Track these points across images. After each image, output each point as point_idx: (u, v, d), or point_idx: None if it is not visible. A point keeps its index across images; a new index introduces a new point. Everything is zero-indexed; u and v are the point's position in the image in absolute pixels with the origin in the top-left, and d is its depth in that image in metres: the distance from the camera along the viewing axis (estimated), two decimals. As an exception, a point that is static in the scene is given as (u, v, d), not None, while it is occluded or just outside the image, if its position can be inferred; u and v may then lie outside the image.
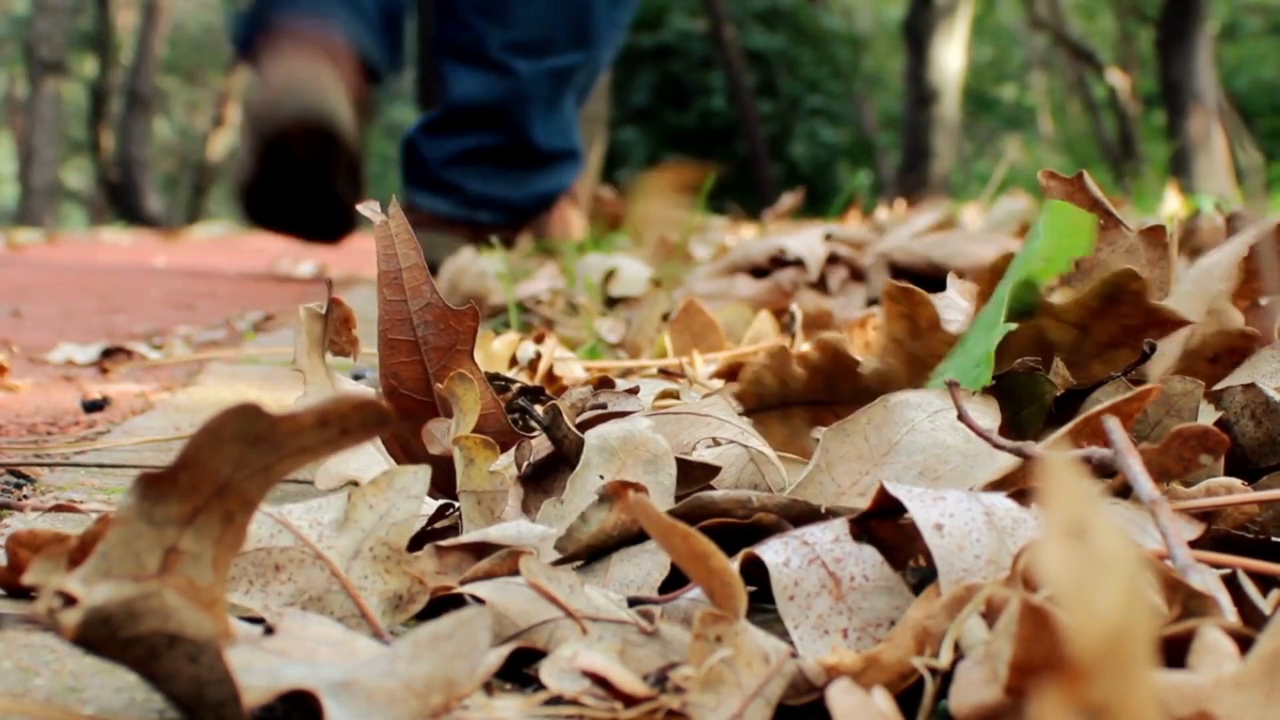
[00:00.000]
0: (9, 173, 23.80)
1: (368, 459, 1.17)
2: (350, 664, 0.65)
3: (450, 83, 3.41)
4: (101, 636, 0.61)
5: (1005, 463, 0.89)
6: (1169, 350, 1.07)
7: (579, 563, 0.92)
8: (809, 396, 1.11)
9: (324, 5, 2.82)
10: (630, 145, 14.86)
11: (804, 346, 1.55)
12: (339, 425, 0.58)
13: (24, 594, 0.91)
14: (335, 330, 1.18)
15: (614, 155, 14.78)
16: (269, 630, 0.72)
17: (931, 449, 0.94)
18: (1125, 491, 0.85)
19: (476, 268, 2.90)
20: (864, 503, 0.91)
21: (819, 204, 5.48)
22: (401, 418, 1.16)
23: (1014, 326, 0.99)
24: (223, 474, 0.60)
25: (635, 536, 0.91)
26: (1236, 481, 0.89)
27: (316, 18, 2.77)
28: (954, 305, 1.13)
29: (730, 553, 0.78)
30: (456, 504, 1.06)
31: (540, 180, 3.50)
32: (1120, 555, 0.43)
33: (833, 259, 2.55)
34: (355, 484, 1.15)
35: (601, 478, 0.98)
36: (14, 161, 19.77)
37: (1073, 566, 0.42)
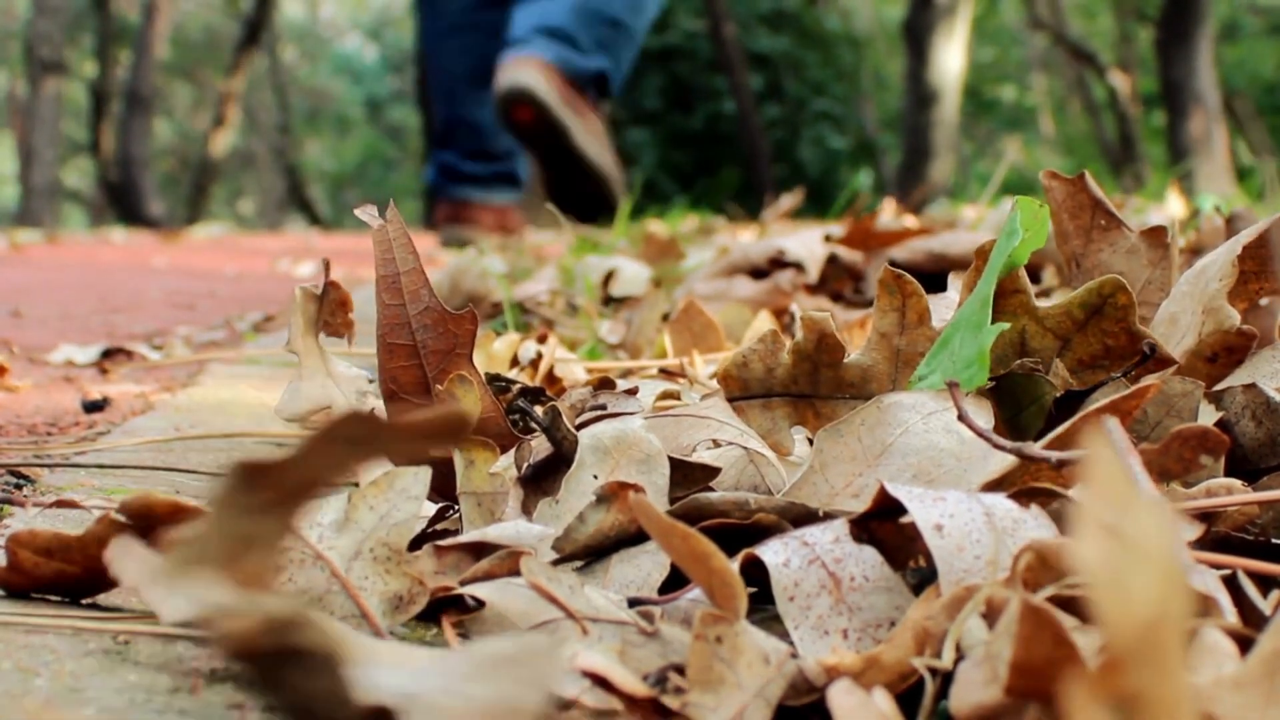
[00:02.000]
0: (9, 173, 23.81)
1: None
2: (405, 674, 0.65)
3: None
4: (265, 647, 0.60)
5: (999, 465, 0.89)
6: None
7: (578, 563, 0.92)
8: (792, 387, 1.10)
9: (532, 43, 4.05)
10: (640, 147, 14.90)
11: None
12: (428, 435, 0.59)
13: (24, 594, 0.91)
14: (330, 312, 1.18)
15: (624, 157, 14.81)
16: None
17: (926, 451, 0.94)
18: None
19: (477, 268, 2.90)
20: (858, 504, 0.91)
21: (824, 205, 5.53)
22: (401, 418, 1.16)
23: (1005, 326, 0.99)
24: (323, 476, 0.61)
25: (633, 537, 0.91)
26: (1237, 482, 0.89)
27: (531, 49, 4.02)
28: (949, 304, 1.13)
29: (730, 553, 0.78)
30: (456, 506, 1.06)
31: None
32: (1157, 546, 0.42)
33: (832, 260, 2.55)
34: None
35: (595, 477, 0.98)
36: (14, 161, 19.77)
37: (1108, 557, 0.42)
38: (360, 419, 0.58)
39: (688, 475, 1.03)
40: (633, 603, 0.82)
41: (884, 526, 0.82)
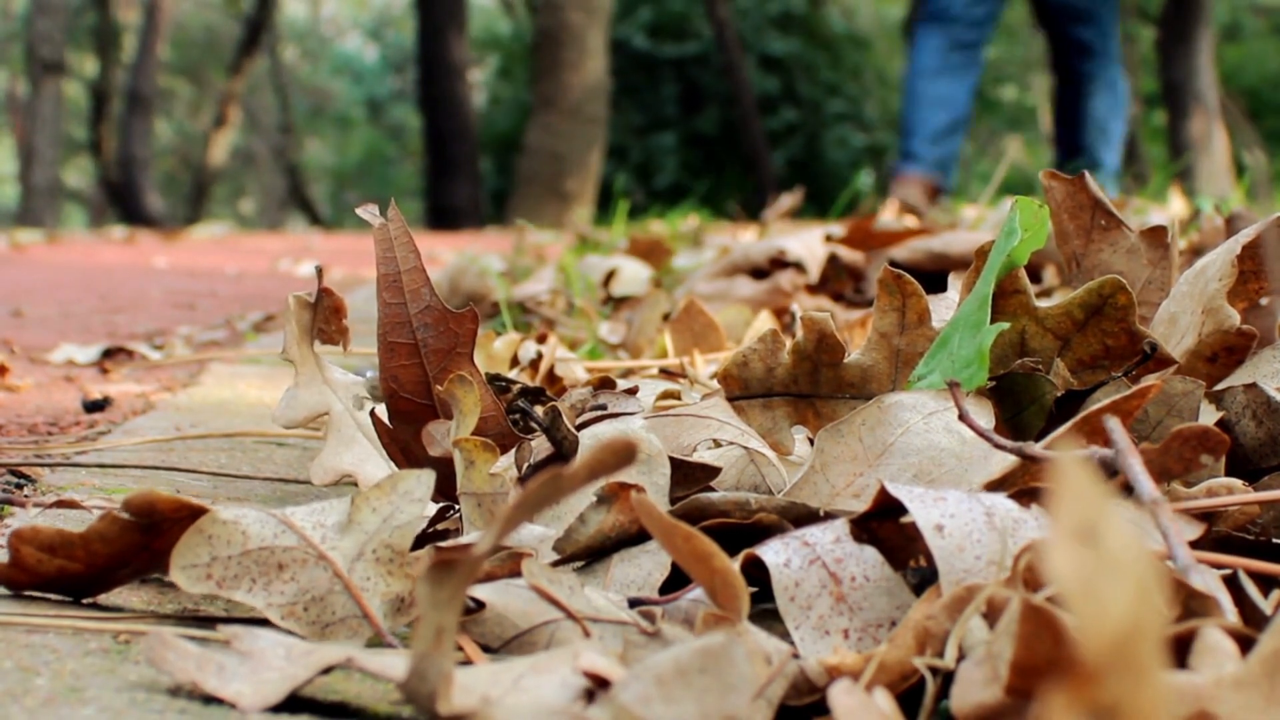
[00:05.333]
0: (10, 173, 23.81)
1: (362, 452, 1.17)
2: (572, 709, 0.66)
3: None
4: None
5: (1000, 465, 0.89)
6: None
7: (579, 564, 0.92)
8: (792, 387, 1.11)
9: (919, 162, 5.77)
10: (664, 152, 14.97)
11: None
12: (601, 470, 0.63)
13: (25, 593, 0.91)
14: (325, 319, 1.18)
15: (648, 163, 14.87)
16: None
17: (926, 451, 0.94)
18: (1126, 492, 0.85)
19: (476, 267, 2.90)
20: (858, 504, 0.91)
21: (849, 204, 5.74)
22: (401, 421, 1.16)
23: (1004, 326, 0.99)
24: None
25: (634, 537, 0.91)
26: (1237, 482, 0.89)
27: (916, 168, 5.77)
28: (949, 304, 1.13)
29: (731, 553, 0.78)
30: (457, 506, 1.06)
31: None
32: (1130, 555, 0.42)
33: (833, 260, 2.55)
34: (349, 476, 1.15)
35: (596, 478, 0.98)
36: (14, 161, 19.78)
37: (1081, 567, 0.42)
38: (552, 484, 0.62)
39: (688, 475, 1.03)
40: (634, 603, 0.82)
41: (885, 526, 0.82)
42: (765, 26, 15.37)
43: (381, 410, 1.18)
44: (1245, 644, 0.65)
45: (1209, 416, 1.00)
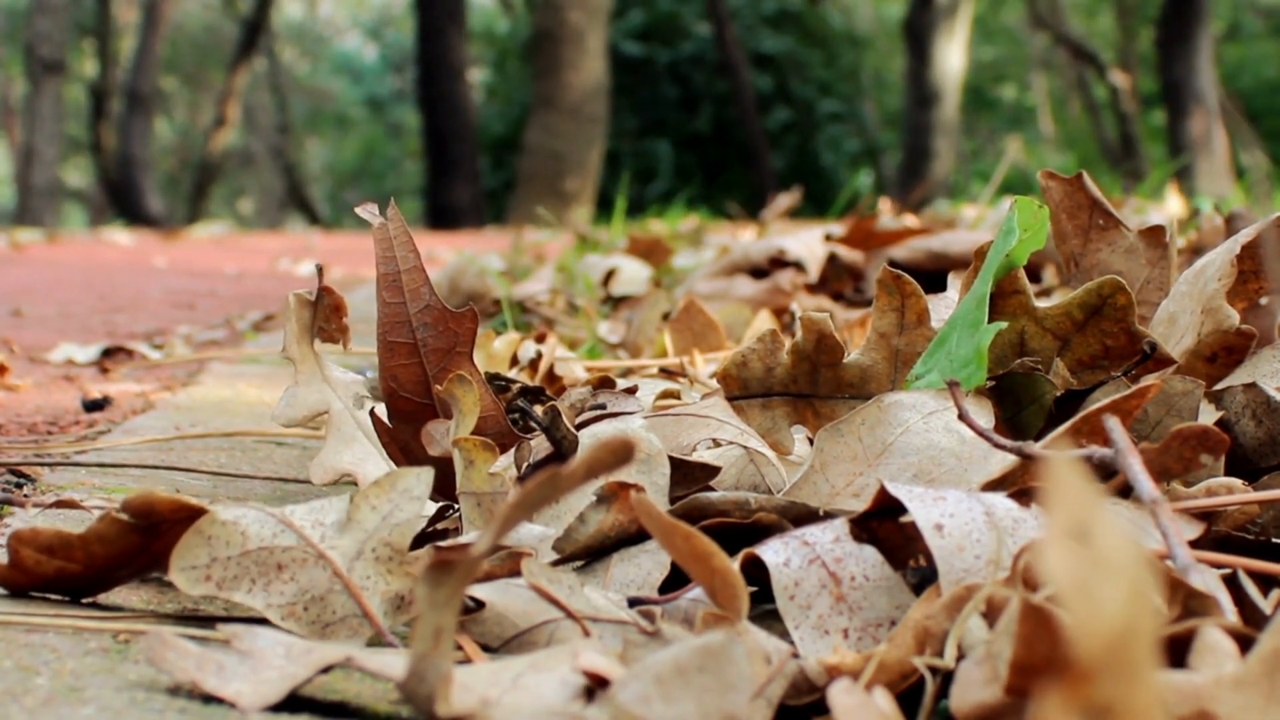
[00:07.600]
0: (9, 173, 23.80)
1: (362, 451, 1.17)
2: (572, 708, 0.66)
3: None
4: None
5: (1000, 465, 0.89)
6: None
7: (579, 563, 0.92)
8: (791, 387, 1.11)
9: None
10: (659, 157, 14.96)
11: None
12: (599, 469, 0.64)
13: (24, 593, 0.91)
14: (325, 318, 1.18)
15: (645, 169, 14.87)
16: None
17: (926, 450, 0.94)
18: (1126, 491, 0.85)
19: (476, 267, 2.91)
20: (858, 504, 0.91)
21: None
22: (401, 420, 1.16)
23: (1002, 326, 0.99)
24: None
25: (634, 537, 0.91)
26: (1237, 481, 0.89)
27: None
28: (949, 304, 1.13)
29: (730, 553, 0.78)
30: (457, 506, 1.06)
31: None
32: (1124, 556, 0.42)
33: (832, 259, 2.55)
34: (349, 475, 1.15)
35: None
36: (10, 162, 19.78)
37: (1076, 567, 0.42)
38: (550, 482, 0.63)
39: (688, 474, 1.03)
40: (633, 602, 0.82)
41: (884, 526, 0.82)
42: (758, 24, 15.39)
43: (381, 409, 1.18)
44: (1245, 644, 0.65)
45: (1209, 416, 1.00)
